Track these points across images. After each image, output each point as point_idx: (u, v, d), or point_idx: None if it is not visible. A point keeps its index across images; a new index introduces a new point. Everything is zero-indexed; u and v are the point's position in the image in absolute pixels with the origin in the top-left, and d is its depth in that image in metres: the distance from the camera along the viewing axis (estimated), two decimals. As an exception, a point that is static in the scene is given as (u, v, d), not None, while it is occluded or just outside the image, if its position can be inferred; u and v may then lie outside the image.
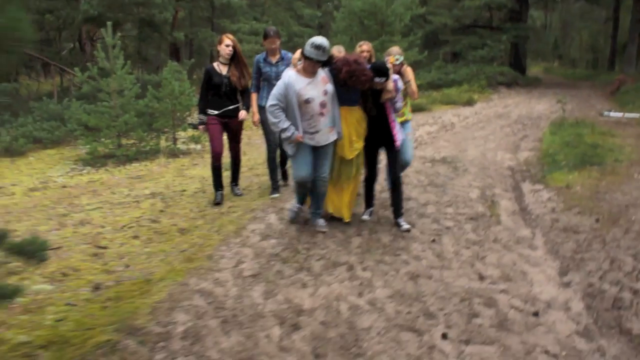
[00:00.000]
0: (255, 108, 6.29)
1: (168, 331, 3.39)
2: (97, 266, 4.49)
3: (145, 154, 9.68)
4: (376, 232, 5.19)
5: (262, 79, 6.26)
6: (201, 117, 6.18)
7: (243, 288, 4.03)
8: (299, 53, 5.18)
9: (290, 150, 5.00)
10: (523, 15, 28.63)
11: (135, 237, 5.19)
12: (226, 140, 6.38)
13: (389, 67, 5.08)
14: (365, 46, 5.63)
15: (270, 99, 4.88)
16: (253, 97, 6.31)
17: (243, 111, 6.24)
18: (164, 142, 10.15)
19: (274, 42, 6.16)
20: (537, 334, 3.36)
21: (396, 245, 4.89)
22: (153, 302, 3.72)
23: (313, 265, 4.46)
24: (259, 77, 6.28)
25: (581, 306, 3.71)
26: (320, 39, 4.81)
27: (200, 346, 3.24)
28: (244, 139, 6.40)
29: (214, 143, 6.16)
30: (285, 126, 4.82)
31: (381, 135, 5.23)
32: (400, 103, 5.24)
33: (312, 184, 5.15)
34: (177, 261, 4.51)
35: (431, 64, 22.88)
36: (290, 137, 4.85)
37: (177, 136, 10.37)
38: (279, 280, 4.17)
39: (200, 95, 6.23)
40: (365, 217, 5.55)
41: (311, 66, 4.85)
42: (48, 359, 3.05)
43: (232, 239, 5.03)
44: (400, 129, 5.33)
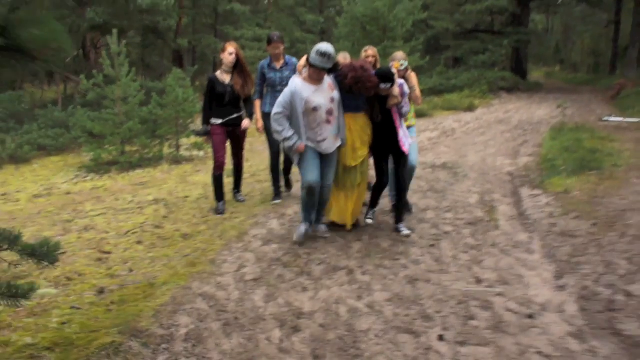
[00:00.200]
0: (259, 115, 6.29)
1: (171, 333, 3.48)
2: (102, 271, 4.58)
3: (148, 161, 9.79)
4: (376, 237, 5.27)
5: (266, 85, 6.26)
6: (205, 127, 6.17)
7: (245, 292, 4.11)
8: (304, 60, 5.17)
9: (295, 158, 5.01)
10: (524, 19, 28.74)
11: (138, 243, 5.28)
12: (229, 147, 6.37)
13: (394, 73, 5.09)
14: (370, 51, 5.67)
15: (275, 107, 4.87)
16: (257, 104, 6.30)
17: (246, 120, 6.25)
18: (167, 149, 10.27)
19: (278, 48, 6.17)
20: (532, 336, 3.43)
21: (395, 250, 4.97)
22: (156, 306, 3.80)
23: (313, 269, 4.55)
24: (263, 83, 6.29)
25: (575, 308, 3.78)
26: (325, 46, 4.81)
27: (202, 348, 3.33)
28: (247, 146, 6.46)
29: (218, 153, 6.14)
30: (288, 135, 4.83)
31: (388, 141, 5.23)
32: (407, 107, 5.26)
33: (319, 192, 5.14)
34: (180, 266, 4.60)
35: (433, 70, 22.99)
36: (292, 147, 4.86)
37: (180, 143, 10.48)
38: (280, 284, 4.26)
39: (203, 104, 6.23)
40: (369, 221, 5.58)
41: (317, 73, 4.83)
42: (54, 361, 3.14)
43: (235, 244, 5.13)
44: (406, 134, 5.33)
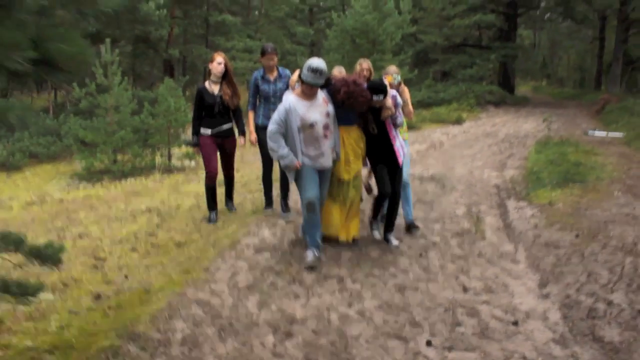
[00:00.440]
0: (252, 127, 6.29)
1: (167, 338, 3.58)
2: (97, 277, 4.66)
3: (140, 170, 9.87)
4: (366, 247, 5.39)
5: (260, 97, 6.26)
6: (195, 140, 6.17)
7: (238, 298, 4.22)
8: (297, 75, 5.15)
9: (291, 176, 4.95)
10: (512, 34, 29.23)
11: (133, 250, 5.37)
12: (220, 157, 6.39)
13: (386, 84, 5.12)
14: (365, 64, 5.67)
15: (270, 125, 4.80)
16: (250, 116, 6.30)
17: (242, 138, 6.32)
18: (159, 159, 10.36)
19: (272, 59, 6.15)
20: (516, 342, 3.57)
21: (385, 259, 5.10)
22: (153, 311, 3.90)
23: (305, 277, 4.66)
24: (256, 95, 6.26)
25: (558, 316, 3.93)
26: (317, 62, 4.74)
27: (198, 352, 3.43)
28: (237, 157, 6.55)
29: (209, 164, 6.18)
30: (284, 153, 4.74)
31: (383, 152, 5.25)
32: (400, 118, 5.27)
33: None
34: (175, 273, 4.69)
35: (421, 83, 23.29)
36: (288, 164, 4.80)
37: (172, 153, 10.58)
38: (273, 291, 4.37)
39: (193, 115, 6.22)
40: (376, 235, 5.57)
41: (309, 89, 4.78)
42: (54, 363, 3.23)
43: (227, 252, 5.23)
44: (402, 145, 5.35)
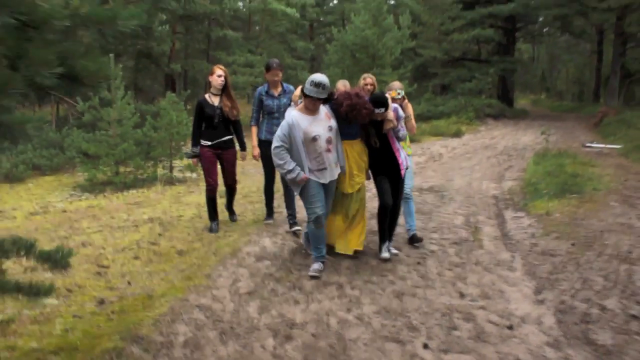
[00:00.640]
0: (255, 141, 6.31)
1: (170, 341, 3.66)
2: (101, 283, 4.75)
3: (142, 182, 9.98)
4: (365, 255, 5.48)
5: (263, 112, 6.28)
6: (194, 150, 6.24)
7: (239, 304, 4.31)
8: (299, 91, 5.22)
9: (296, 190, 4.99)
10: (510, 48, 29.49)
11: (135, 258, 5.46)
12: (220, 169, 6.45)
13: (387, 97, 5.17)
14: (369, 79, 5.75)
15: (274, 141, 4.85)
16: (253, 130, 6.33)
17: (243, 153, 6.46)
18: (161, 170, 10.48)
19: (277, 75, 6.19)
20: (511, 345, 3.65)
21: (383, 267, 5.18)
22: (155, 315, 3.99)
23: (305, 284, 4.75)
24: (260, 110, 6.29)
25: (553, 321, 4.01)
26: (319, 77, 4.81)
27: (200, 354, 3.51)
28: (238, 169, 6.63)
29: (209, 176, 6.27)
30: (290, 168, 4.78)
31: (386, 165, 5.27)
32: (403, 131, 5.32)
33: None
34: (177, 279, 4.78)
35: (421, 96, 23.46)
36: (295, 179, 4.82)
37: (174, 165, 10.70)
38: (273, 297, 4.46)
39: (193, 127, 6.30)
40: (385, 255, 5.31)
41: (312, 104, 4.84)
42: (60, 364, 3.31)
43: (229, 260, 5.32)
44: (406, 158, 5.40)
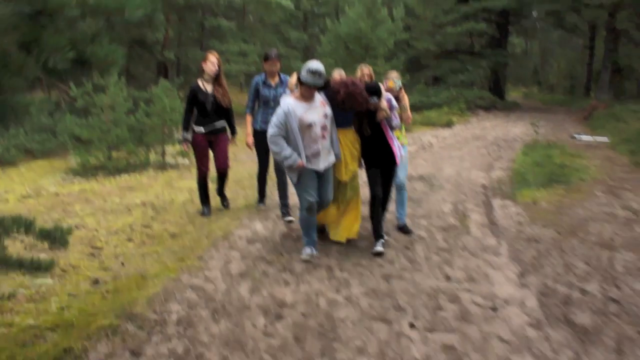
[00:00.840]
0: (249, 129, 6.34)
1: (163, 318, 3.76)
2: (95, 264, 4.84)
3: (134, 167, 10.04)
4: (354, 239, 5.58)
5: (259, 101, 6.27)
6: (185, 135, 6.29)
7: (231, 284, 4.41)
8: (295, 78, 5.25)
9: (293, 177, 4.99)
10: (503, 42, 29.60)
11: (129, 240, 5.54)
12: (212, 155, 6.47)
13: (380, 86, 5.21)
14: (366, 70, 5.73)
15: (270, 129, 4.86)
16: (248, 119, 6.34)
17: (233, 138, 6.52)
18: (153, 156, 10.53)
19: (275, 65, 6.17)
20: (494, 325, 3.78)
21: (372, 249, 5.28)
22: (149, 294, 4.09)
23: (295, 266, 4.86)
24: (256, 99, 6.28)
25: (535, 303, 4.14)
26: (315, 64, 4.83)
27: (192, 331, 3.62)
28: (230, 156, 6.67)
29: (201, 162, 6.35)
30: (287, 154, 4.81)
31: (380, 154, 5.29)
32: (397, 121, 5.34)
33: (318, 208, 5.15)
34: (170, 261, 4.88)
35: (413, 87, 23.56)
36: (293, 165, 4.85)
37: (166, 150, 10.76)
38: (264, 278, 4.56)
39: (184, 112, 6.34)
40: (377, 249, 5.21)
41: (308, 91, 4.86)
42: (57, 339, 3.40)
43: (221, 243, 5.42)
44: (400, 147, 5.41)
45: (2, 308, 3.86)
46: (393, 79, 5.77)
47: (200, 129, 6.24)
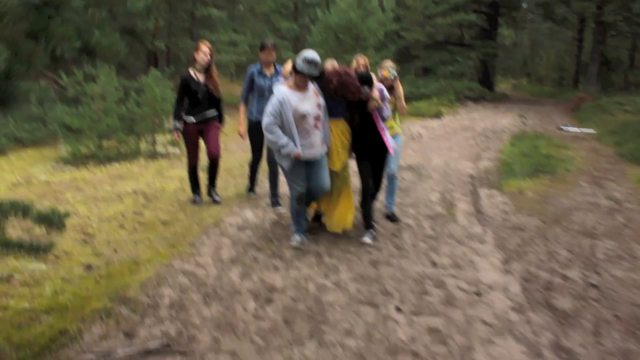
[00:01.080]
0: (242, 119, 6.36)
1: (156, 302, 3.85)
2: (87, 250, 4.90)
3: (125, 156, 10.07)
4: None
5: (254, 91, 6.25)
6: (177, 124, 6.27)
7: (222, 270, 4.50)
8: (290, 66, 5.24)
9: (286, 165, 4.99)
10: (493, 33, 29.69)
11: (120, 227, 5.61)
12: (203, 145, 6.47)
13: (372, 75, 5.22)
14: (362, 60, 5.74)
15: (265, 117, 4.86)
16: (241, 109, 6.37)
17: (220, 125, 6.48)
18: (144, 145, 10.57)
19: (271, 54, 6.16)
20: (478, 309, 3.90)
21: (361, 237, 5.39)
22: (142, 279, 4.18)
23: (285, 253, 4.95)
24: (250, 89, 6.26)
25: (518, 288, 4.27)
26: (312, 54, 4.83)
27: (185, 314, 3.71)
28: (221, 145, 6.69)
29: (191, 153, 6.39)
30: (284, 142, 4.81)
31: (371, 145, 5.29)
32: (388, 111, 5.35)
33: (312, 196, 5.21)
34: (162, 247, 4.96)
35: (403, 78, 23.57)
36: (290, 154, 4.86)
37: (157, 140, 10.79)
38: (254, 264, 4.66)
39: (175, 102, 6.32)
40: (366, 239, 5.30)
41: (302, 81, 4.87)
42: (52, 322, 3.48)
43: (212, 230, 5.51)
44: (390, 138, 5.41)
45: (-3, 292, 3.93)
46: (388, 69, 5.78)
47: (190, 119, 6.23)
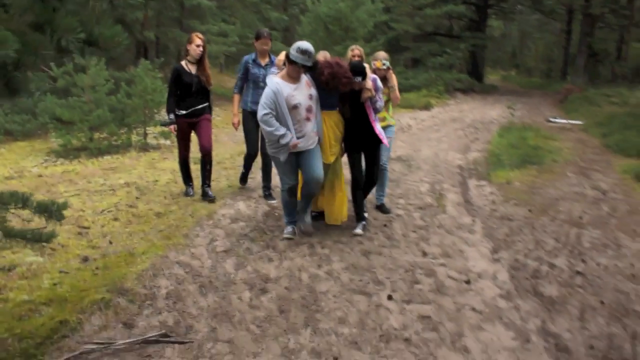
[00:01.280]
0: (235, 110, 6.37)
1: (153, 293, 3.93)
2: (83, 243, 4.96)
3: (116, 148, 10.06)
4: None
5: (248, 81, 6.21)
6: (171, 118, 6.23)
7: (217, 261, 4.58)
8: (284, 55, 5.23)
9: (282, 156, 4.95)
10: (482, 25, 29.81)
11: (115, 220, 5.66)
12: (195, 137, 6.44)
13: (365, 66, 5.22)
14: (357, 50, 5.81)
15: (261, 108, 4.83)
16: (235, 98, 6.38)
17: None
18: (135, 137, 10.56)
19: (266, 44, 6.13)
20: (467, 297, 4.02)
21: (352, 228, 5.48)
22: (138, 270, 4.25)
23: (278, 244, 5.04)
24: (245, 78, 6.22)
25: (506, 276, 4.39)
26: (305, 44, 4.84)
27: (181, 304, 3.80)
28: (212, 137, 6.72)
29: (181, 146, 6.41)
30: (282, 132, 4.80)
31: (363, 136, 5.29)
32: (381, 102, 5.29)
33: (309, 188, 5.20)
34: (156, 239, 5.02)
35: (393, 70, 23.66)
36: (288, 143, 4.84)
37: (148, 131, 10.78)
38: (248, 255, 4.74)
39: (168, 94, 6.29)
40: (357, 231, 5.34)
41: (295, 71, 4.88)
42: (52, 313, 3.54)
43: (205, 222, 5.58)
44: (381, 130, 5.41)
45: (-4, 285, 3.99)
46: (381, 59, 5.82)
47: (182, 112, 6.19)
